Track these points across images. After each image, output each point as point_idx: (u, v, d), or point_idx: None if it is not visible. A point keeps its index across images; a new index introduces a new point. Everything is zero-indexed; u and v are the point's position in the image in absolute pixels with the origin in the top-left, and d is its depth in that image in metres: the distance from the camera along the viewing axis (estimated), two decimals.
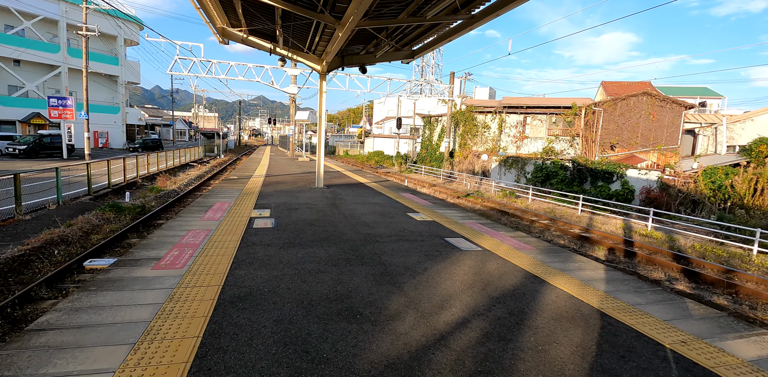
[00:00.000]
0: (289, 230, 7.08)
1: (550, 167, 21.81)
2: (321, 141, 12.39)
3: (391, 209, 9.70)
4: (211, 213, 8.30)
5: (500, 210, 18.81)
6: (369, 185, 14.36)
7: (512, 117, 27.26)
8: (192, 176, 24.70)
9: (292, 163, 23.34)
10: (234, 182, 13.43)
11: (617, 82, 38.67)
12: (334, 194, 11.36)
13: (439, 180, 28.38)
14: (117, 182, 19.39)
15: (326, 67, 11.84)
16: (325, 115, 12.28)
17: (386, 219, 8.37)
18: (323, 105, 12.23)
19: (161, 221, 12.07)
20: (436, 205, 10.86)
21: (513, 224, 15.87)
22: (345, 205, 9.83)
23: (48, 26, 39.49)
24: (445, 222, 8.47)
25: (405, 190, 13.79)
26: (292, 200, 10.24)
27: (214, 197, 10.28)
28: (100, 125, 42.46)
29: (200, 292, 4.25)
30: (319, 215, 8.51)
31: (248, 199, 10.17)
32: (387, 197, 11.63)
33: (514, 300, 4.43)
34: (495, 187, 23.63)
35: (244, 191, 11.59)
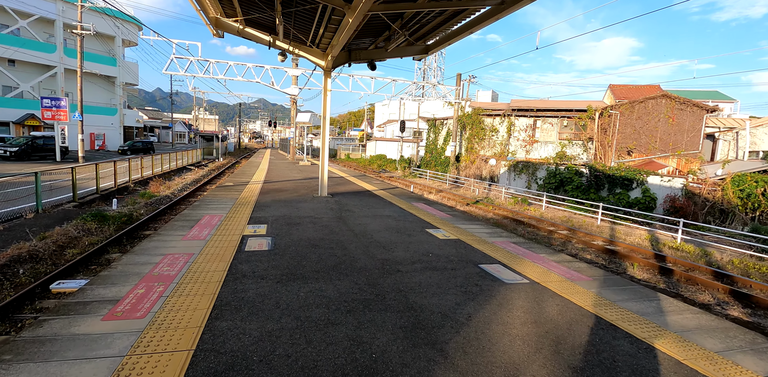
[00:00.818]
0: (288, 254, 5.74)
1: (564, 172, 20.51)
2: (325, 145, 11.07)
3: (407, 223, 8.36)
4: (197, 230, 6.95)
5: (514, 219, 17.51)
6: (377, 193, 13.03)
7: (521, 120, 25.98)
8: (188, 180, 23.37)
9: (292, 167, 22.00)
10: (229, 190, 12.09)
11: (626, 85, 37.46)
12: (340, 205, 10.03)
13: (445, 186, 27.07)
14: (107, 187, 18.07)
15: (331, 63, 10.53)
16: (329, 116, 10.97)
17: (404, 237, 7.04)
18: (327, 105, 10.92)
19: (148, 232, 10.76)
20: (455, 218, 9.52)
21: (530, 235, 14.57)
22: (354, 218, 8.49)
23: (44, 26, 38.24)
24: (472, 241, 7.14)
25: (416, 199, 12.45)
26: (292, 212, 8.90)
27: (204, 209, 8.93)
28: (96, 127, 41.16)
29: (161, 363, 2.91)
30: (324, 232, 7.17)
31: (242, 211, 8.84)
32: (398, 207, 10.30)
33: (606, 372, 3.10)
34: (505, 193, 22.32)
35: (239, 200, 10.25)
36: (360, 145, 50.13)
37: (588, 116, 22.80)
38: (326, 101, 10.92)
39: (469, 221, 9.31)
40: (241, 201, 10.02)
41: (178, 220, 7.71)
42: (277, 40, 10.32)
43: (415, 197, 12.64)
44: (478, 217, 17.46)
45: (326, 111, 10.89)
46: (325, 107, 10.91)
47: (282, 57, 10.29)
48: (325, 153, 11.08)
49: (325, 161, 11.12)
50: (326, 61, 10.61)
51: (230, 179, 15.58)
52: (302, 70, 24.92)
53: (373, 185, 15.14)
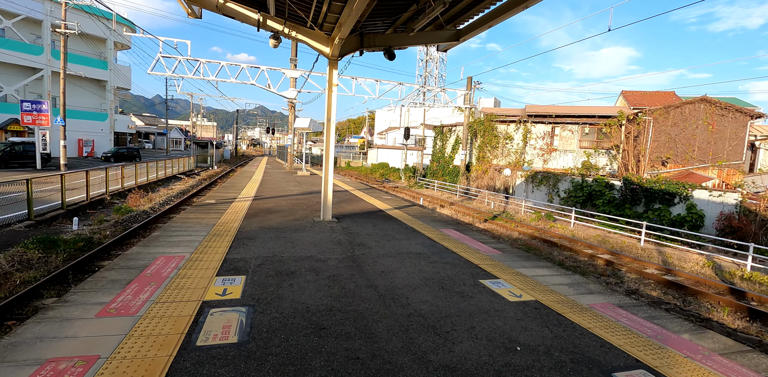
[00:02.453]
0: (273, 356, 3.11)
1: (593, 185, 17.97)
2: (329, 153, 8.45)
3: (448, 267, 5.74)
4: (132, 290, 4.31)
5: (543, 239, 14.92)
6: (390, 213, 10.40)
7: (538, 127, 23.50)
8: (175, 191, 20.68)
9: (289, 178, 19.34)
10: (208, 211, 9.43)
11: (639, 91, 35.17)
12: (350, 235, 7.38)
13: (455, 197, 24.47)
14: (77, 201, 15.39)
15: (338, 49, 7.96)
16: (334, 117, 8.37)
17: (456, 301, 4.41)
18: (333, 103, 8.33)
19: (104, 263, 8.13)
20: (504, 252, 6.90)
21: (571, 262, 11.97)
22: (372, 260, 5.85)
23: (31, 26, 35.65)
24: (558, 305, 4.53)
25: (441, 222, 9.82)
26: (285, 249, 6.25)
27: (163, 244, 6.28)
28: (85, 133, 38.46)
29: None
30: (332, 292, 4.52)
31: (216, 247, 6.19)
32: (425, 237, 7.68)
33: None
34: (525, 207, 19.74)
35: (216, 227, 7.60)
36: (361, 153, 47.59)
37: (618, 122, 20.34)
38: (331, 99, 8.33)
39: (525, 258, 6.69)
40: (219, 230, 7.36)
41: (115, 267, 5.05)
42: (269, 19, 7.75)
43: (442, 221, 10.00)
44: (502, 237, 14.85)
45: (331, 111, 8.30)
46: (330, 105, 8.32)
47: (275, 41, 7.72)
48: (329, 164, 8.47)
49: (329, 173, 8.50)
50: (331, 47, 8.04)
51: (216, 193, 12.91)
52: (301, 72, 22.40)
53: (384, 202, 12.50)
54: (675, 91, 34.14)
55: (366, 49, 8.44)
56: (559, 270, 6.02)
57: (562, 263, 11.71)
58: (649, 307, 4.73)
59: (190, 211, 9.25)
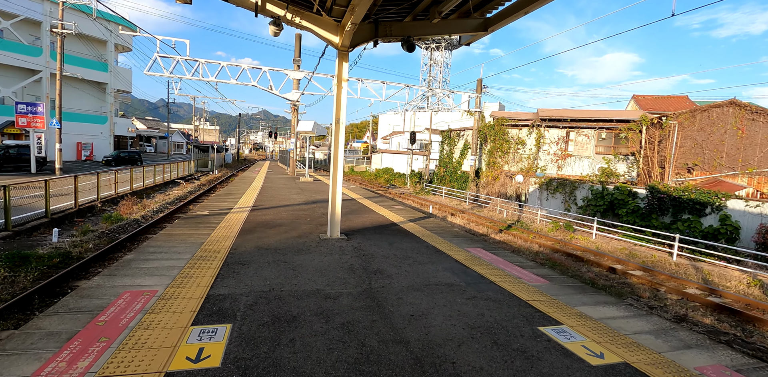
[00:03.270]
0: None
1: (614, 193, 16.68)
2: (339, 158, 7.19)
3: (494, 308, 4.45)
4: (70, 352, 3.04)
5: (565, 252, 13.63)
6: (405, 227, 9.13)
7: (552, 132, 22.25)
8: (171, 197, 19.45)
9: (291, 185, 18.08)
10: (197, 225, 8.16)
11: (651, 96, 33.94)
12: (364, 259, 6.10)
13: (464, 205, 23.19)
14: (64, 208, 14.17)
15: (349, 38, 6.73)
16: (344, 117, 7.12)
17: (522, 371, 3.15)
18: (342, 101, 7.08)
19: (80, 283, 6.91)
20: (555, 283, 5.61)
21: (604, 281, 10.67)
22: (395, 299, 4.56)
23: (30, 27, 34.65)
24: (654, 370, 3.27)
25: (464, 238, 8.53)
26: (285, 280, 4.97)
27: (135, 271, 5.02)
28: (84, 136, 37.33)
29: None
30: (348, 355, 3.23)
31: (199, 275, 4.94)
32: (452, 260, 6.40)
33: None
34: (541, 216, 18.44)
35: (205, 247, 6.34)
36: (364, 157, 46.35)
37: (637, 126, 19.07)
38: (341, 97, 7.08)
39: (579, 289, 5.40)
40: (207, 251, 6.09)
41: (61, 311, 3.78)
42: (268, 3, 6.53)
43: (462, 236, 8.71)
44: (521, 250, 13.55)
45: (341, 110, 7.05)
46: (339, 104, 7.07)
47: (275, 28, 6.50)
48: (337, 172, 7.20)
49: (337, 183, 7.23)
50: (341, 36, 6.81)
51: (211, 202, 11.64)
52: (304, 73, 21.20)
53: (396, 213, 11.22)
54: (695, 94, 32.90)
55: (381, 38, 7.20)
56: (630, 310, 4.72)
57: (593, 282, 10.41)
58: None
59: (178, 225, 7.98)
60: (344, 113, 7.13)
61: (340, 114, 7.09)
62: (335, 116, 7.08)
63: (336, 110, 7.07)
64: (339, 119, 7.09)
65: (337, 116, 7.08)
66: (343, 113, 7.12)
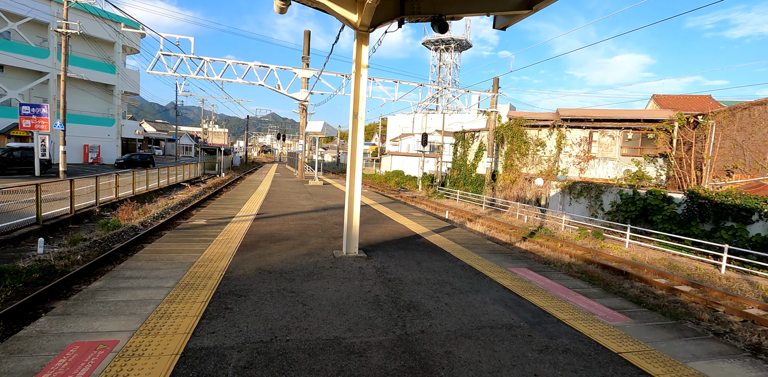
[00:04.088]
0: None
1: (648, 198, 15.25)
2: (357, 161, 5.93)
3: (580, 366, 3.15)
4: None
5: (600, 264, 12.26)
6: (431, 239, 7.85)
7: (574, 132, 20.86)
8: (175, 201, 18.37)
9: (300, 189, 16.86)
10: (191, 238, 6.94)
11: (672, 95, 32.37)
12: (391, 287, 4.79)
13: (480, 209, 21.84)
14: (58, 214, 13.10)
15: (370, 16, 5.49)
16: (363, 108, 5.86)
17: None
18: (362, 93, 5.84)
19: (56, 304, 5.74)
20: (640, 320, 4.30)
21: (650, 295, 9.33)
22: (444, 354, 3.28)
23: (37, 29, 33.98)
24: None
25: (503, 254, 7.21)
26: (292, 322, 3.70)
27: (97, 308, 3.79)
28: (91, 138, 36.56)
29: None
30: None
31: (180, 313, 3.71)
32: (499, 286, 5.11)
33: None
34: (565, 222, 17.04)
35: (194, 269, 5.11)
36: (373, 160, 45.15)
37: (669, 126, 17.62)
38: (360, 87, 5.84)
39: (679, 333, 4.08)
40: (196, 275, 4.87)
41: None
42: None
43: (498, 251, 7.40)
44: (552, 261, 12.20)
45: (359, 103, 5.80)
46: (358, 95, 5.82)
47: (281, 2, 5.30)
48: (355, 176, 5.95)
49: (355, 190, 5.97)
50: (360, 14, 5.58)
51: (211, 209, 10.43)
52: (313, 72, 20.05)
53: (416, 222, 9.93)
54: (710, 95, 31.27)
55: (407, 17, 5.95)
56: (762, 368, 3.40)
57: (639, 300, 9.06)
58: None
59: (169, 238, 6.76)
60: (363, 107, 5.89)
61: (358, 107, 5.84)
62: (352, 109, 5.83)
63: (353, 103, 5.83)
64: (357, 113, 5.85)
65: (354, 110, 5.83)
66: (362, 106, 5.87)
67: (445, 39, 59.45)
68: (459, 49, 62.04)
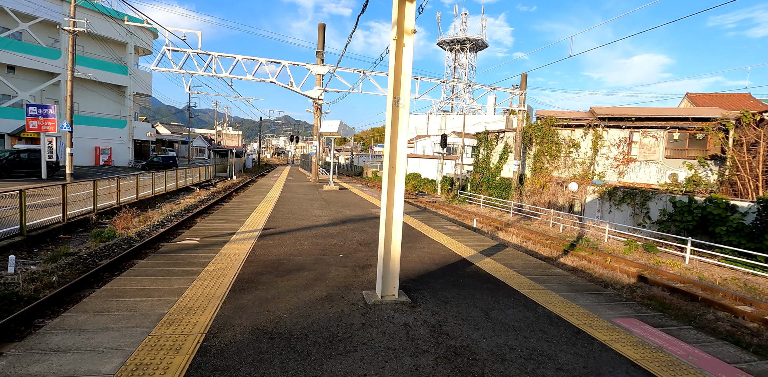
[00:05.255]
0: None
1: (708, 207, 13.17)
2: (398, 164, 4.14)
3: None
4: None
5: (664, 285, 10.24)
6: (486, 267, 6.01)
7: (612, 133, 18.79)
8: (180, 207, 16.82)
9: (314, 195, 15.13)
10: (172, 268, 5.21)
11: (707, 94, 29.96)
12: (463, 369, 3.02)
13: (508, 216, 19.88)
14: (48, 223, 11.56)
15: None
16: (407, 95, 4.06)
17: None
18: (405, 68, 4.03)
19: None
20: None
21: (748, 332, 7.33)
22: None
23: (48, 30, 32.98)
24: None
25: (591, 292, 5.33)
26: None
27: None
28: (103, 141, 35.45)
29: None
30: None
31: None
32: (620, 357, 3.28)
33: None
34: (610, 233, 14.99)
35: (158, 332, 3.36)
36: None
37: (730, 125, 15.49)
38: (402, 60, 4.03)
39: None
40: (159, 340, 3.12)
41: None
42: None
43: (581, 286, 5.51)
44: (605, 280, 10.24)
45: (401, 83, 4.01)
46: (400, 73, 4.02)
47: None
48: (396, 187, 4.14)
49: (395, 206, 4.14)
50: None
51: (210, 222, 8.71)
52: (328, 68, 18.36)
53: (456, 238, 8.08)
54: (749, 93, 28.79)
55: None
56: None
57: (653, 299, 7.12)
58: None
59: (143, 269, 5.03)
60: (407, 89, 4.08)
61: (400, 91, 4.04)
62: (392, 94, 4.03)
63: (393, 84, 4.02)
64: (398, 98, 4.04)
65: (395, 94, 4.03)
66: (405, 88, 4.07)
67: (461, 39, 57.44)
68: (475, 49, 59.93)
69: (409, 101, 4.11)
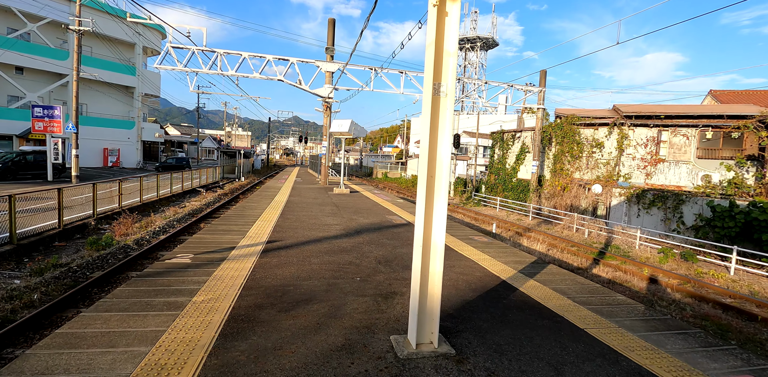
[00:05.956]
0: None
1: (753, 212, 11.93)
2: (439, 167, 3.13)
3: None
4: None
5: (712, 300, 9.06)
6: (533, 294, 4.95)
7: (638, 131, 17.54)
8: (185, 211, 15.94)
9: (323, 199, 14.13)
10: (151, 300, 4.23)
11: (732, 91, 28.42)
12: None
13: (526, 219, 18.72)
14: (42, 229, 10.70)
15: None
16: (452, 82, 3.04)
17: None
18: (449, 46, 3.01)
19: None
20: None
21: None
22: None
23: (56, 30, 32.46)
24: None
25: (675, 330, 4.26)
26: None
27: None
28: (111, 142, 34.88)
29: None
30: None
31: None
32: None
33: None
34: (641, 239, 13.78)
35: None
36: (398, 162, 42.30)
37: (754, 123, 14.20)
38: (446, 32, 3.01)
39: None
40: None
41: None
42: None
43: (661, 324, 4.44)
44: (650, 297, 9.08)
45: (443, 66, 2.99)
46: (441, 51, 3.00)
47: None
48: (435, 200, 3.13)
49: (434, 226, 3.15)
50: None
51: (208, 233, 7.74)
52: (338, 65, 17.36)
53: (488, 253, 7.01)
54: None
55: None
56: None
57: (708, 319, 5.97)
58: None
59: (113, 301, 4.05)
60: (451, 73, 3.05)
61: (441, 75, 3.00)
62: (431, 79, 2.99)
63: (434, 67, 2.98)
64: (439, 85, 3.01)
65: (435, 80, 3.00)
66: (448, 72, 3.03)
67: (471, 37, 56.14)
68: (485, 47, 58.58)
69: (454, 88, 3.07)
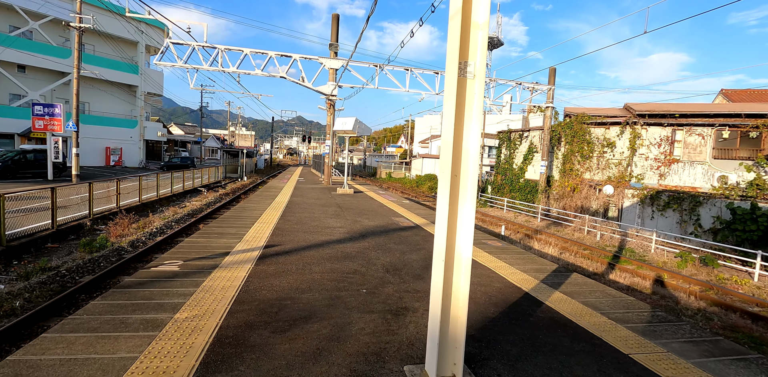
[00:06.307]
0: None
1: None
2: (465, 170, 2.59)
3: None
4: None
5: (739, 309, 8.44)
6: (560, 309, 4.39)
7: (651, 131, 16.91)
8: (184, 211, 15.46)
9: (326, 200, 13.59)
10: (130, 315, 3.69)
11: (744, 90, 27.71)
12: None
13: (535, 221, 18.11)
14: (34, 230, 10.21)
15: None
16: (482, 58, 2.50)
17: None
18: (479, 16, 2.45)
19: None
20: None
21: None
22: None
23: (58, 28, 32.10)
24: None
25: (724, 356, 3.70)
26: None
27: None
28: (113, 141, 34.50)
29: None
30: None
31: None
32: None
33: None
34: (657, 243, 13.15)
35: None
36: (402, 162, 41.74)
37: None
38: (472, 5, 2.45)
39: None
40: None
41: None
42: None
43: (713, 347, 3.88)
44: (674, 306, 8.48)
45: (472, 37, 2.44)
46: (468, 24, 2.45)
47: None
48: (460, 207, 2.59)
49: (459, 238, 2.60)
50: None
51: (200, 238, 7.20)
52: (342, 61, 16.82)
53: (505, 261, 6.43)
54: None
55: None
56: None
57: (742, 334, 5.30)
58: None
59: (85, 318, 3.52)
60: (481, 50, 2.50)
61: (468, 52, 2.45)
62: (456, 57, 2.44)
63: (461, 41, 2.43)
64: (466, 63, 2.46)
65: (461, 58, 2.45)
66: (477, 48, 2.49)
67: None
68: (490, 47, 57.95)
69: (484, 69, 2.51)
